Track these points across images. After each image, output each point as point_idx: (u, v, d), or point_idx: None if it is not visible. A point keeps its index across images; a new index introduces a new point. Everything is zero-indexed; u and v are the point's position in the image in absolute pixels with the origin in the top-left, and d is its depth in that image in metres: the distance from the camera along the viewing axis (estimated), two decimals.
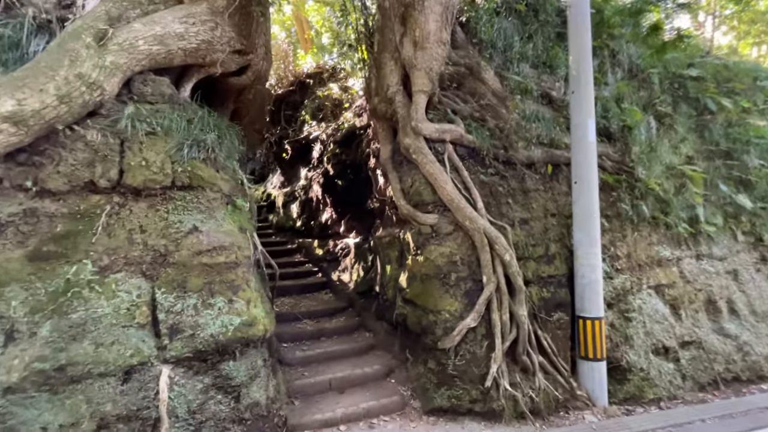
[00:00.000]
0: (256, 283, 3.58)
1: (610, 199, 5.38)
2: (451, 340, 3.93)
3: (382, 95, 4.90)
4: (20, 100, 2.84)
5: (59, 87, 2.99)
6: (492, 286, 4.13)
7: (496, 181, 4.72)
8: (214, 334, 3.08)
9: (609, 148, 5.61)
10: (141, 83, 3.50)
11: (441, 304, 4.07)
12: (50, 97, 2.95)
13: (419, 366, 4.27)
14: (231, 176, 3.81)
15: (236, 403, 3.18)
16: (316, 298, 6.35)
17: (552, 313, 4.58)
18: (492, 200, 4.63)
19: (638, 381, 4.69)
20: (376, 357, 4.81)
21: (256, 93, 4.77)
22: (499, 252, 4.19)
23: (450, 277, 4.14)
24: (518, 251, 4.54)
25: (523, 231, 4.72)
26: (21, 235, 2.85)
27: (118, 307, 2.90)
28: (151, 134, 3.35)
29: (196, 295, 3.13)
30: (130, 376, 2.82)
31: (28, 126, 2.87)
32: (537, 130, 5.05)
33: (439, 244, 4.26)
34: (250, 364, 3.27)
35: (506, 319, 4.13)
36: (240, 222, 3.70)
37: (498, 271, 4.21)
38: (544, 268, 4.71)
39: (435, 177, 4.29)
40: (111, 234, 3.06)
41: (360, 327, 5.49)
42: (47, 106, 2.93)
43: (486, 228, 4.21)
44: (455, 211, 4.26)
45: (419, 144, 4.42)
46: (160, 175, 3.28)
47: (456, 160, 4.52)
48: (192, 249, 3.22)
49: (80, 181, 3.07)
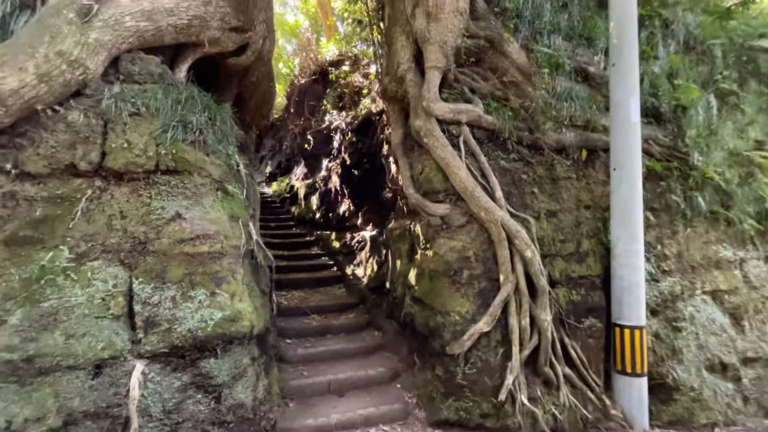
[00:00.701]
0: (246, 275, 3.33)
1: (657, 189, 4.65)
2: (461, 346, 3.49)
3: (392, 74, 4.49)
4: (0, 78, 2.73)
5: (39, 65, 2.86)
6: (510, 286, 3.63)
7: (519, 167, 4.18)
8: (192, 328, 2.85)
9: (657, 131, 4.86)
10: (129, 62, 3.33)
11: (450, 305, 3.63)
12: (29, 75, 2.82)
13: (426, 372, 3.86)
14: (223, 161, 3.57)
15: (217, 404, 2.94)
16: (328, 293, 6.09)
17: (582, 320, 4.00)
18: (514, 189, 4.10)
19: (687, 402, 4.01)
20: (382, 358, 4.45)
21: (259, 75, 4.53)
22: (519, 247, 3.68)
23: (461, 274, 3.69)
24: (543, 247, 3.99)
25: (550, 224, 4.15)
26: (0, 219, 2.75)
27: (92, 297, 2.73)
28: (135, 115, 3.17)
29: (176, 287, 2.92)
30: (101, 370, 2.65)
31: (7, 106, 2.75)
32: (569, 110, 4.43)
33: (449, 238, 3.81)
34: (233, 363, 3.03)
35: (526, 324, 3.62)
36: (231, 210, 3.46)
37: (517, 269, 3.70)
38: (574, 268, 4.12)
39: (447, 162, 3.83)
40: (90, 219, 2.91)
41: (369, 325, 5.15)
42: (26, 85, 2.81)
43: (504, 220, 3.71)
44: (469, 200, 3.78)
45: (430, 126, 3.97)
46: (143, 158, 3.09)
47: (472, 144, 4.03)
48: (173, 237, 3.02)
49: (61, 164, 2.94)
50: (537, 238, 3.94)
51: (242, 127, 5.04)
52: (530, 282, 3.71)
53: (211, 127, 3.54)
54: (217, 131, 3.61)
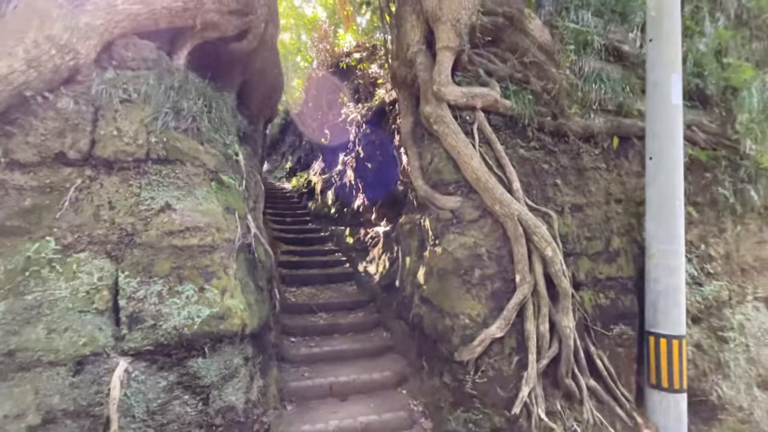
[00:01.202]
0: (240, 270, 3.15)
1: (701, 181, 4.13)
2: (470, 352, 3.17)
3: (401, 57, 4.19)
4: None
5: (28, 50, 2.76)
6: (527, 288, 3.27)
7: (540, 156, 3.79)
8: (177, 326, 2.69)
9: (702, 116, 4.32)
10: (122, 48, 3.21)
11: (459, 306, 3.31)
12: (18, 61, 2.73)
13: (434, 378, 3.57)
14: (220, 150, 3.41)
15: (205, 406, 2.77)
16: (339, 290, 5.88)
17: (611, 326, 3.58)
18: (534, 181, 3.72)
19: (735, 423, 3.53)
20: (389, 361, 4.19)
21: (264, 62, 4.35)
22: (538, 245, 3.31)
23: (472, 273, 3.36)
24: (566, 245, 3.60)
25: (575, 220, 3.75)
26: None
27: (76, 290, 2.62)
28: (126, 102, 3.04)
29: (162, 281, 2.76)
30: (83, 367, 2.53)
31: None
32: (599, 93, 3.98)
33: (460, 233, 3.48)
34: (223, 363, 2.85)
35: (545, 330, 3.25)
36: (226, 201, 3.28)
37: (536, 269, 3.33)
38: (602, 268, 3.70)
39: (458, 151, 3.50)
40: (78, 210, 2.80)
41: (378, 325, 4.90)
42: (15, 71, 2.72)
43: (522, 214, 3.34)
44: (482, 192, 3.44)
45: (441, 112, 3.65)
46: (133, 146, 2.96)
47: (488, 132, 3.68)
48: (162, 229, 2.87)
49: (50, 153, 2.84)
50: (559, 234, 3.55)
51: (249, 117, 4.90)
52: (550, 283, 3.34)
53: (207, 115, 3.37)
54: (213, 119, 3.44)
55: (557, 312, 3.31)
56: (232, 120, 3.83)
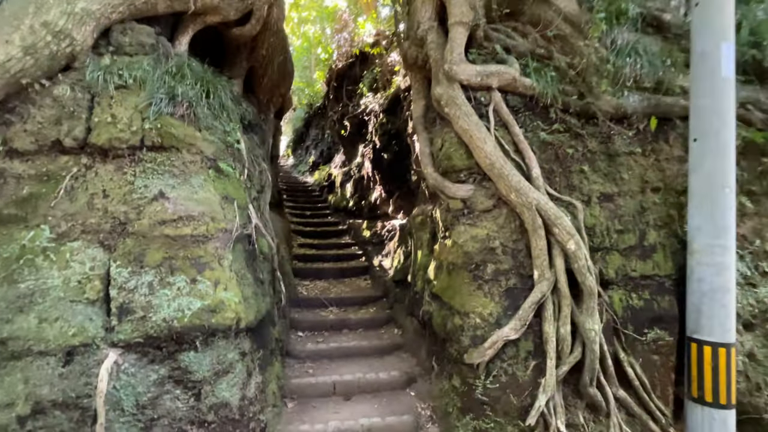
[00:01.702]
0: (236, 262, 3.02)
1: (757, 167, 3.61)
2: (481, 354, 2.89)
3: (412, 37, 3.91)
4: None
5: (24, 37, 2.73)
6: (545, 285, 2.94)
7: (564, 140, 3.41)
8: (167, 318, 2.59)
9: (760, 93, 3.76)
10: (120, 33, 3.14)
11: (470, 304, 3.03)
12: (15, 48, 2.70)
13: (443, 380, 3.31)
14: (219, 137, 3.29)
15: (197, 402, 2.67)
16: (352, 284, 5.71)
17: (645, 331, 3.19)
18: (557, 167, 3.36)
19: None
20: (398, 360, 3.97)
21: (270, 48, 4.20)
22: (559, 238, 2.97)
23: (484, 268, 3.06)
24: (593, 238, 3.23)
25: (604, 210, 3.36)
26: None
27: (68, 279, 2.57)
28: (122, 88, 2.97)
29: (154, 272, 2.67)
30: (72, 358, 2.48)
31: None
32: (634, 69, 3.54)
33: (471, 225, 3.19)
34: (216, 358, 2.73)
35: (566, 332, 2.92)
36: (224, 190, 3.16)
37: (557, 264, 2.99)
38: (635, 265, 3.30)
39: (470, 135, 3.20)
40: (73, 198, 2.76)
41: (390, 321, 4.68)
42: (11, 58, 2.69)
43: (541, 204, 3.01)
44: (496, 179, 3.13)
45: (452, 93, 3.36)
46: (128, 133, 2.88)
47: (504, 113, 3.35)
48: (154, 218, 2.78)
49: (47, 141, 2.82)
50: (585, 226, 3.19)
51: (257, 105, 4.80)
52: (573, 281, 2.99)
53: (206, 101, 3.26)
54: (213, 105, 3.32)
55: (581, 313, 2.96)
56: (234, 107, 3.70)
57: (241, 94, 4.28)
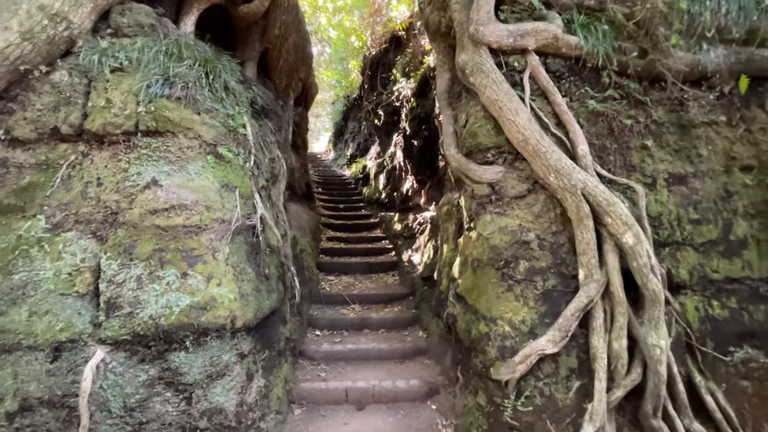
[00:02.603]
0: (235, 255, 2.77)
1: None
2: (510, 370, 2.39)
3: None
4: None
5: (22, 22, 2.65)
6: (594, 288, 2.37)
7: (620, 109, 2.77)
8: (154, 315, 2.39)
9: None
10: (119, 14, 3.01)
11: (497, 308, 2.53)
12: (13, 34, 2.64)
13: (467, 395, 2.84)
14: (221, 121, 3.05)
15: (188, 406, 2.46)
16: (379, 281, 5.35)
17: (731, 349, 2.50)
18: (610, 142, 2.73)
19: None
20: (420, 367, 3.55)
21: (283, 27, 3.92)
22: (612, 229, 2.38)
23: (515, 266, 2.55)
24: (659, 230, 2.58)
25: (674, 195, 2.69)
26: None
27: (59, 271, 2.46)
28: (118, 70, 2.82)
29: (143, 264, 2.49)
30: (60, 354, 2.36)
31: None
32: (718, 16, 2.79)
33: (500, 214, 2.67)
34: (209, 360, 2.50)
35: (620, 347, 2.33)
36: (225, 178, 2.93)
37: (609, 262, 2.40)
38: (717, 264, 2.60)
39: (499, 105, 2.68)
40: (68, 187, 2.65)
41: (415, 322, 4.26)
42: (10, 44, 2.63)
43: (589, 187, 2.43)
44: (532, 158, 2.58)
45: (479, 59, 2.84)
46: (121, 117, 2.72)
47: (543, 80, 2.78)
48: (146, 207, 2.59)
49: (47, 128, 2.73)
50: (649, 215, 2.56)
51: (275, 90, 4.57)
52: (632, 283, 2.38)
53: (207, 82, 3.04)
54: (215, 87, 3.10)
55: (642, 324, 2.35)
56: (243, 90, 3.47)
57: (254, 77, 4.06)
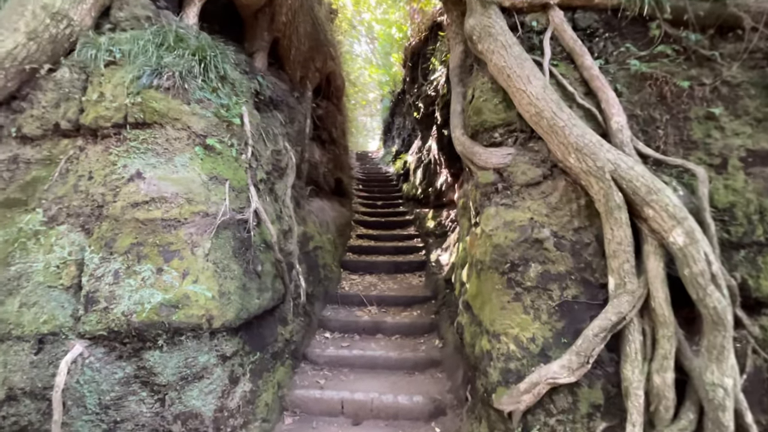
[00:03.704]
0: (219, 251, 2.61)
1: None
2: (513, 399, 1.92)
3: None
4: None
5: (28, 23, 2.74)
6: (628, 302, 1.80)
7: (675, 69, 2.13)
8: (126, 311, 2.30)
9: None
10: (117, 9, 3.01)
11: (502, 322, 2.07)
12: (21, 35, 2.73)
13: (473, 421, 2.39)
14: (213, 112, 2.92)
15: (161, 408, 2.35)
16: (404, 281, 4.98)
17: None
18: (661, 112, 2.12)
19: None
20: (429, 381, 3.13)
21: (289, 12, 3.72)
22: (656, 224, 1.80)
23: (525, 270, 2.05)
24: (731, 227, 1.94)
25: (755, 181, 2.01)
26: (3, 181, 2.77)
27: (48, 264, 2.48)
28: (111, 64, 2.80)
29: (121, 259, 2.42)
30: (43, 346, 2.37)
31: (5, 69, 2.73)
32: None
33: (508, 206, 2.18)
34: (183, 361, 2.36)
35: (664, 383, 1.74)
36: (213, 169, 2.79)
37: (650, 268, 1.82)
38: None
39: (507, 73, 2.19)
40: (64, 182, 2.69)
41: (433, 329, 3.83)
42: (18, 45, 2.72)
43: (621, 169, 1.86)
44: (547, 134, 2.07)
45: (487, 21, 2.37)
46: (111, 110, 2.69)
47: (569, 40, 2.24)
48: (128, 200, 2.52)
49: (50, 125, 2.80)
50: (716, 207, 1.93)
51: (290, 82, 4.42)
52: (682, 297, 1.78)
53: (200, 71, 2.93)
54: (209, 77, 2.98)
55: (698, 354, 1.74)
56: (243, 79, 3.33)
57: (264, 67, 3.93)
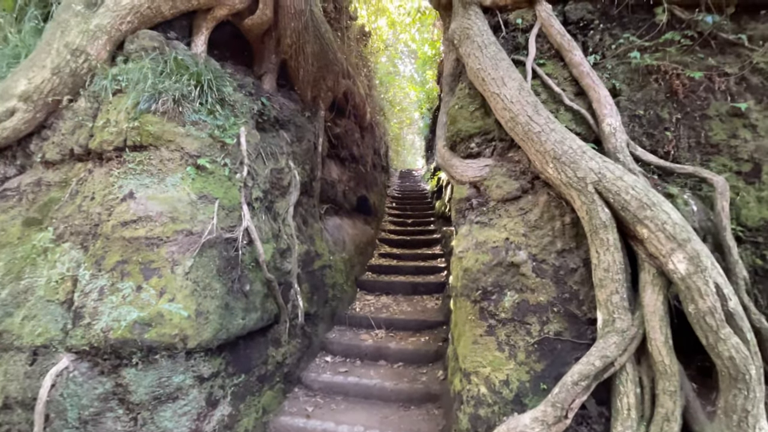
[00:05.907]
0: (200, 270, 2.61)
1: None
2: None
3: None
4: (30, 78, 3.06)
5: (53, 60, 3.06)
6: (616, 345, 1.46)
7: (686, 60, 1.77)
8: (104, 328, 2.36)
9: None
10: (129, 42, 3.24)
11: (473, 359, 1.79)
12: (47, 71, 3.06)
13: None
14: (208, 132, 3.01)
15: (134, 427, 2.34)
16: (419, 304, 4.70)
17: None
18: (670, 111, 1.76)
19: None
20: (424, 418, 2.83)
21: (294, 34, 3.77)
22: (652, 247, 1.45)
23: (498, 299, 1.77)
24: (759, 251, 1.52)
25: None
26: (28, 202, 3.06)
27: (50, 279, 2.65)
28: (118, 92, 3.01)
29: (108, 275, 2.50)
30: (36, 357, 2.49)
31: (34, 102, 3.06)
32: None
33: (483, 224, 1.92)
34: (157, 380, 2.36)
35: None
36: (203, 189, 2.84)
37: (648, 301, 1.47)
38: None
39: (482, 76, 1.97)
40: (72, 202, 2.89)
41: (438, 358, 3.51)
42: (44, 80, 3.05)
43: (608, 180, 1.55)
44: (523, 141, 1.80)
45: (467, 23, 2.19)
46: (114, 134, 2.87)
47: (556, 35, 1.98)
48: (118, 219, 2.63)
49: (67, 150, 3.06)
50: (743, 225, 1.53)
51: (301, 102, 4.47)
52: (690, 339, 1.40)
53: (197, 94, 3.04)
54: (206, 100, 3.09)
55: (713, 416, 1.35)
56: (244, 100, 3.42)
57: (273, 89, 4.03)
